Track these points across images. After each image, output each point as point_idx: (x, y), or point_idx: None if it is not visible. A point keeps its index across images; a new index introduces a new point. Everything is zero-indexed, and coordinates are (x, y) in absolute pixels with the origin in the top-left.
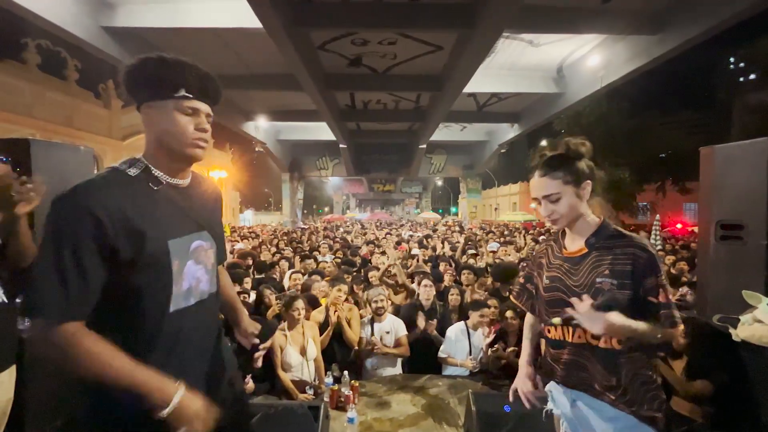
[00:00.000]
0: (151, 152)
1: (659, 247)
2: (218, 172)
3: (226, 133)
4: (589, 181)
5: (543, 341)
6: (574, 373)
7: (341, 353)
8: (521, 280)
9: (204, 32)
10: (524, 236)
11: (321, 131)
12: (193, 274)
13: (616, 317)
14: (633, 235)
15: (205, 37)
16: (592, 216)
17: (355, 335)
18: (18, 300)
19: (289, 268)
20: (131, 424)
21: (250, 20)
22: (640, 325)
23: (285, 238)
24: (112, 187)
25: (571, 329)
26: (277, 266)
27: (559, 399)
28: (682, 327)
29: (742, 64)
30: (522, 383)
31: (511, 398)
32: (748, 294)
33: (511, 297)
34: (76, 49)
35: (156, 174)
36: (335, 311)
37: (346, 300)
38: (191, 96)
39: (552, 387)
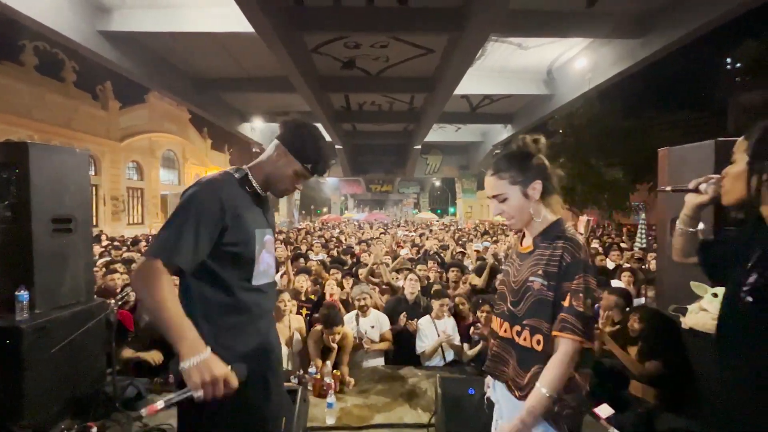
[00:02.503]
0: (255, 169)
1: (645, 246)
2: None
3: (225, 135)
4: (538, 181)
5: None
6: (496, 365)
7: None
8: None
9: (200, 36)
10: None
11: None
12: (266, 260)
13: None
14: (572, 238)
15: (201, 41)
16: (547, 214)
17: (345, 356)
18: None
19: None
20: None
21: (246, 25)
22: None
23: (280, 237)
24: (228, 184)
25: (502, 322)
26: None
27: (494, 385)
28: (576, 337)
29: (738, 64)
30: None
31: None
32: (695, 285)
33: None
34: (73, 51)
35: (251, 182)
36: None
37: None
38: (313, 175)
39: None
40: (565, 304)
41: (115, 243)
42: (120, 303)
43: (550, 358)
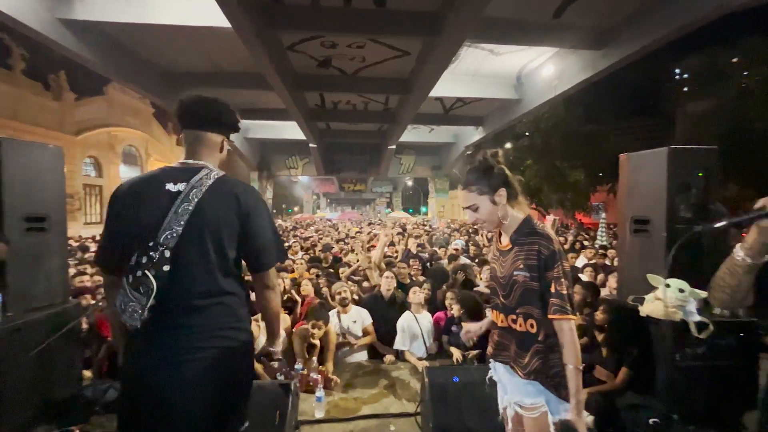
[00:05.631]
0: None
1: (605, 244)
2: None
3: None
4: (502, 189)
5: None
6: (500, 352)
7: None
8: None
9: (170, 29)
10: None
11: (291, 130)
12: None
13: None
14: (542, 232)
15: (172, 34)
16: (516, 214)
17: (329, 354)
18: None
19: None
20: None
21: (219, 19)
22: (570, 376)
23: None
24: None
25: (498, 314)
26: None
27: (496, 366)
28: (566, 316)
29: (685, 76)
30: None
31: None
32: (651, 277)
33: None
34: (22, 36)
35: None
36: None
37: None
38: None
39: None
40: (552, 290)
41: (85, 243)
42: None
43: (544, 337)
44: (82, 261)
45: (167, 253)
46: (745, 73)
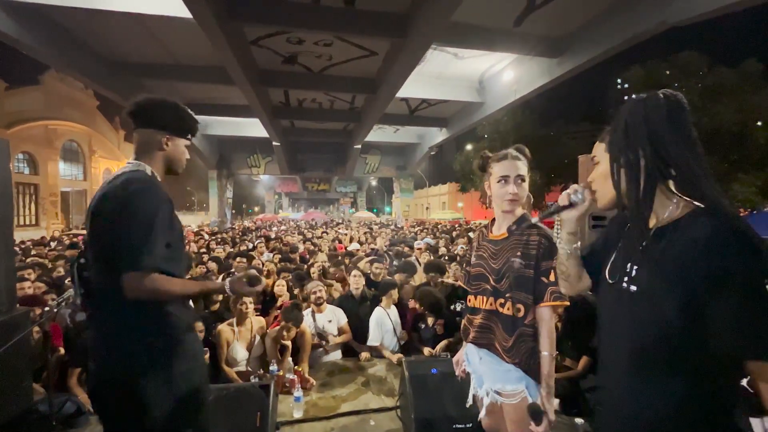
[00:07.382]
0: (155, 166)
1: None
2: None
3: None
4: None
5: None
6: (483, 335)
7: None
8: (467, 267)
9: (124, 17)
10: (448, 238)
11: (252, 127)
12: None
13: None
14: (542, 227)
15: (125, 23)
16: (519, 207)
17: (304, 354)
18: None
19: (219, 270)
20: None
21: (178, 9)
22: (544, 365)
23: (215, 238)
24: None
25: (485, 298)
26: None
27: (471, 357)
28: (565, 302)
29: (626, 85)
30: (457, 356)
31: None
32: None
33: (461, 283)
34: None
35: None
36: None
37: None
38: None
39: (467, 348)
40: (551, 278)
41: (22, 247)
42: (55, 313)
43: (528, 323)
44: (20, 266)
45: (83, 249)
46: (676, 84)
